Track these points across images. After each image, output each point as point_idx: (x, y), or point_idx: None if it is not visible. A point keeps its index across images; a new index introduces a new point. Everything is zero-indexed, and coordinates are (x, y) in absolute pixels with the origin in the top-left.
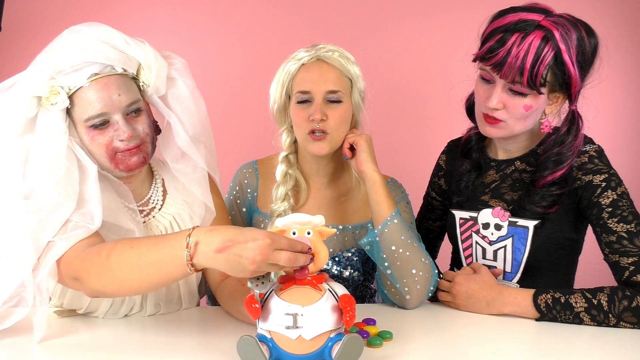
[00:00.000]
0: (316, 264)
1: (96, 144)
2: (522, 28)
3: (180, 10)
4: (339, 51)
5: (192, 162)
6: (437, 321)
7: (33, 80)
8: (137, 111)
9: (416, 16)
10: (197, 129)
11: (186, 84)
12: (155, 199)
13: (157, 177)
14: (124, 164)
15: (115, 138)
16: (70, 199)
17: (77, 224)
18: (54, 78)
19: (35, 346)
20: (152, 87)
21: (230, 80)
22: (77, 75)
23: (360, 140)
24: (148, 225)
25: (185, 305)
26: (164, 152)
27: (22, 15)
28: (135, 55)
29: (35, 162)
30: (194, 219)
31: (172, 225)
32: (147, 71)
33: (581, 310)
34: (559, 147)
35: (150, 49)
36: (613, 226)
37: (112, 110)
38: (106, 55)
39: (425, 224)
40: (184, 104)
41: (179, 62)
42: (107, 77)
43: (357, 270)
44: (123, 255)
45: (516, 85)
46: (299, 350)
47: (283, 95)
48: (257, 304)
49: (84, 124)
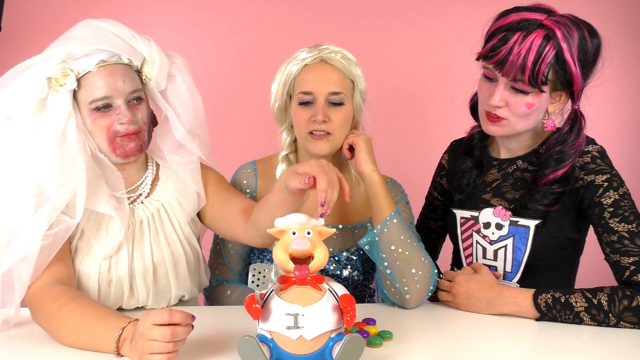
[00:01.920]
0: (316, 264)
1: (98, 126)
2: (524, 27)
3: (180, 9)
4: (342, 52)
5: (187, 153)
6: (437, 321)
7: (46, 63)
8: (138, 99)
9: (416, 16)
10: (193, 123)
11: (185, 81)
12: (143, 187)
13: (150, 168)
14: (122, 149)
15: (117, 121)
16: (72, 180)
17: (60, 218)
18: (65, 61)
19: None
20: (153, 81)
21: (231, 80)
22: (87, 60)
23: (359, 140)
24: (134, 210)
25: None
26: (161, 143)
27: (22, 15)
28: (141, 49)
29: (45, 137)
30: (185, 206)
31: (159, 211)
32: (151, 66)
33: (581, 310)
34: (561, 146)
35: (155, 46)
36: (614, 226)
37: (115, 95)
38: (115, 45)
39: (427, 224)
40: (182, 99)
41: (180, 60)
42: (114, 65)
43: (356, 270)
44: (71, 316)
45: (518, 83)
46: (299, 350)
47: (284, 95)
48: (258, 304)
49: (88, 106)
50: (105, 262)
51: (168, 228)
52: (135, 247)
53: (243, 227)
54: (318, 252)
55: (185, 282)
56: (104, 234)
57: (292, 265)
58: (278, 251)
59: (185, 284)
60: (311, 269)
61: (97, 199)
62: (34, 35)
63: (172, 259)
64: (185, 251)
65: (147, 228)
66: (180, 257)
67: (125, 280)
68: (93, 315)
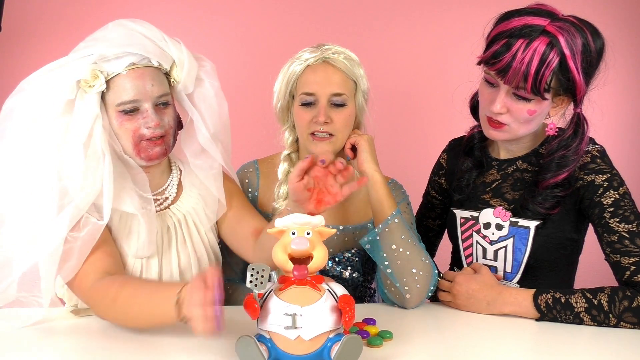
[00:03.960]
0: (315, 265)
1: (124, 129)
2: (527, 34)
3: (182, 8)
4: (345, 53)
5: (210, 158)
6: (437, 321)
7: (78, 64)
8: (165, 104)
9: (416, 16)
10: (217, 128)
11: (212, 86)
12: (170, 191)
13: (175, 171)
14: (146, 152)
15: (143, 125)
16: (95, 180)
17: (87, 219)
18: (96, 63)
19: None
20: (181, 84)
21: (232, 80)
22: (117, 62)
23: (362, 140)
24: (162, 215)
25: None
26: (184, 147)
27: (22, 15)
28: (171, 52)
29: (72, 139)
30: (208, 213)
31: (185, 218)
32: (180, 69)
33: (581, 311)
34: (563, 150)
35: (185, 49)
36: (614, 226)
37: (143, 99)
38: (145, 48)
39: (425, 222)
40: (208, 103)
41: (209, 64)
42: (144, 68)
43: (357, 271)
44: (127, 304)
45: (520, 91)
46: (297, 350)
47: (287, 95)
48: (257, 304)
49: (116, 108)
50: (138, 264)
51: (195, 235)
52: (164, 254)
53: (252, 248)
54: (317, 253)
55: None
56: (135, 235)
57: (291, 266)
58: (277, 251)
59: None
60: (310, 269)
61: (122, 199)
62: (34, 35)
63: (198, 266)
64: (210, 258)
65: (174, 235)
66: (205, 264)
67: None
68: (145, 295)
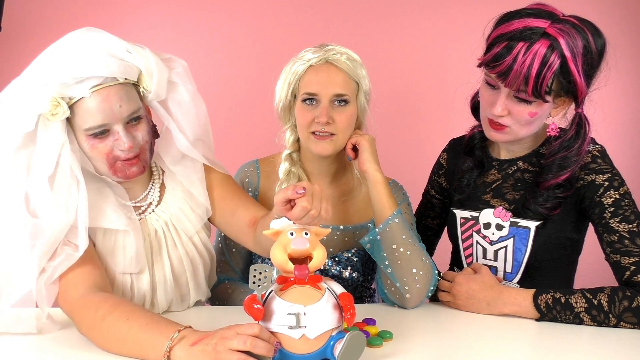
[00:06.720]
0: (315, 264)
1: (97, 152)
2: (527, 36)
3: (183, 8)
4: (348, 53)
5: (191, 162)
6: (437, 321)
7: (35, 97)
8: (137, 119)
9: (415, 16)
10: (197, 132)
11: (187, 89)
12: (152, 195)
13: (156, 173)
14: (123, 172)
15: (116, 147)
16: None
17: (62, 248)
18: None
19: (42, 340)
20: (153, 93)
21: (233, 80)
22: (79, 87)
23: (363, 140)
24: (144, 222)
25: (194, 299)
26: (163, 155)
27: (22, 15)
28: (137, 63)
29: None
30: (196, 210)
31: (167, 225)
32: (148, 78)
33: (581, 311)
34: (565, 152)
35: (151, 55)
36: (615, 226)
37: (112, 121)
38: (109, 67)
39: (424, 221)
40: (185, 109)
41: (180, 65)
42: (109, 87)
43: (356, 271)
44: (116, 324)
45: (521, 94)
46: (302, 349)
47: (289, 94)
48: (259, 305)
49: (84, 132)
50: (127, 277)
51: (184, 237)
52: (155, 261)
53: (252, 239)
54: (317, 252)
55: (203, 287)
56: (121, 250)
57: (291, 266)
58: (276, 252)
59: (202, 289)
60: (310, 268)
61: (107, 216)
62: (34, 35)
63: (191, 268)
64: (203, 257)
65: (163, 239)
66: (198, 265)
67: (147, 294)
68: (140, 321)
